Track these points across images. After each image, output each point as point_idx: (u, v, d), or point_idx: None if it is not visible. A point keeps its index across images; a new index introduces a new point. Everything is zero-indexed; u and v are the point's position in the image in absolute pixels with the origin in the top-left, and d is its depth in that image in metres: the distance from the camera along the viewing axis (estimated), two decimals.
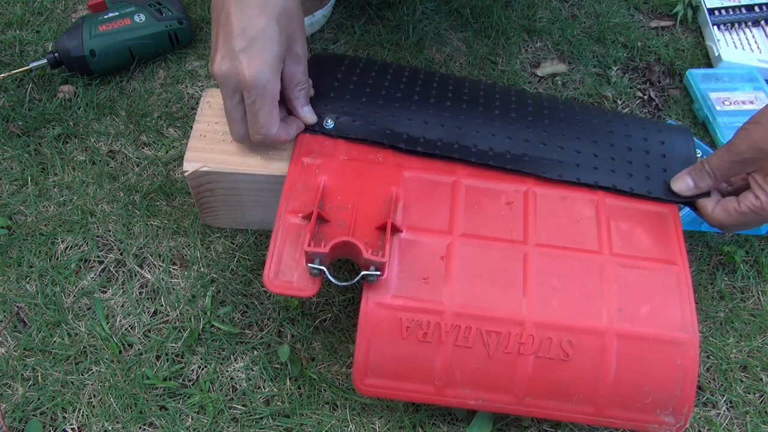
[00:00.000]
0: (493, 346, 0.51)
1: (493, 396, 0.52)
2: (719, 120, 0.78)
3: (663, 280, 0.54)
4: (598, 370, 0.51)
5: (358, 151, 0.59)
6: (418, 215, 0.55)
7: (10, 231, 0.67)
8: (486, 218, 0.56)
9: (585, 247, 0.55)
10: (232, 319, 0.62)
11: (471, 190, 0.57)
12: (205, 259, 0.66)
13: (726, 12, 0.88)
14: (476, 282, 0.53)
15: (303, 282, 0.52)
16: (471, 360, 0.51)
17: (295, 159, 0.58)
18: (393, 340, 0.51)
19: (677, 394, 0.51)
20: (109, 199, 0.69)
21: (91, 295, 0.63)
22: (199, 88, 0.79)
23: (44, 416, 0.57)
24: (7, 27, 0.84)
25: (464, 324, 0.51)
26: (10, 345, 0.60)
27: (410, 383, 0.52)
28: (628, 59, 0.86)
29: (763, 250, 0.69)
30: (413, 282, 0.52)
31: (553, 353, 0.51)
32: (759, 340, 0.64)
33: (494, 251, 0.54)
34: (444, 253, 0.53)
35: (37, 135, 0.74)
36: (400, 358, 0.52)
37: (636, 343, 0.52)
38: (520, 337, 0.51)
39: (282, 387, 0.59)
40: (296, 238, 0.54)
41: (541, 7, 0.90)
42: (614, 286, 0.53)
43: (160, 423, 0.56)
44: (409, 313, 0.51)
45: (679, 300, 0.53)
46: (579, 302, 0.53)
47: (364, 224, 0.54)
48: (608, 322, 0.52)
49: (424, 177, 0.58)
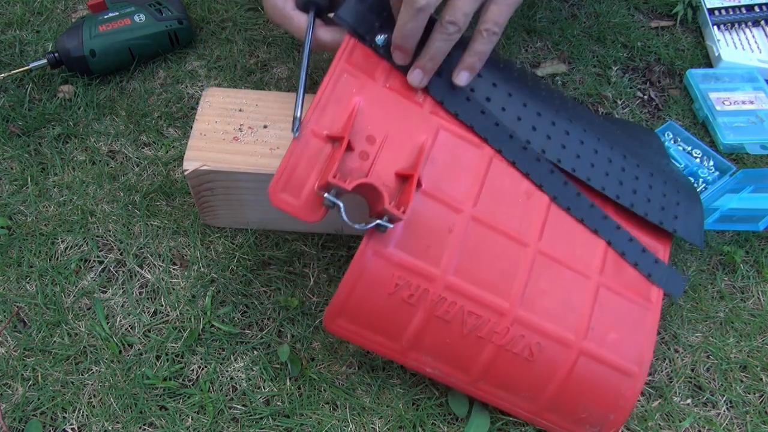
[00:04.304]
0: (469, 327, 0.52)
1: (450, 371, 0.54)
2: (719, 120, 0.78)
3: (636, 315, 0.57)
4: (552, 376, 0.54)
5: (400, 83, 0.54)
6: (438, 177, 0.53)
7: (10, 231, 0.67)
8: (501, 204, 0.55)
9: (581, 262, 0.56)
10: (232, 319, 0.62)
11: (496, 169, 0.56)
12: (205, 259, 0.66)
13: (726, 12, 0.88)
14: (474, 263, 0.53)
15: (308, 205, 0.49)
16: (444, 333, 0.52)
17: (338, 65, 0.52)
18: (379, 292, 0.51)
19: (610, 417, 0.55)
20: (109, 199, 0.69)
21: (91, 295, 0.63)
22: (199, 88, 0.79)
23: (44, 416, 0.57)
24: (7, 27, 0.84)
25: (451, 298, 0.52)
26: (10, 345, 0.60)
27: (379, 336, 0.53)
28: (628, 59, 0.86)
29: (763, 250, 0.69)
30: (415, 243, 0.51)
31: (520, 350, 0.53)
32: (759, 340, 0.64)
33: (499, 242, 0.54)
34: (452, 227, 0.53)
35: (37, 135, 0.74)
36: (379, 311, 0.52)
37: (594, 362, 0.54)
38: (496, 326, 0.53)
39: (282, 387, 0.59)
40: (315, 155, 0.50)
41: (541, 7, 0.90)
42: (595, 307, 0.55)
43: (160, 423, 0.56)
44: (402, 271, 0.51)
45: (643, 338, 0.56)
46: (560, 311, 0.54)
47: (387, 164, 0.51)
48: (578, 337, 0.54)
49: (457, 139, 0.55)
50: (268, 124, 0.62)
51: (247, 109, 0.63)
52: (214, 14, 0.87)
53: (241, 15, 0.87)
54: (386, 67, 0.54)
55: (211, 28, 0.85)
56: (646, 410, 0.59)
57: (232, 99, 0.64)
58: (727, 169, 0.74)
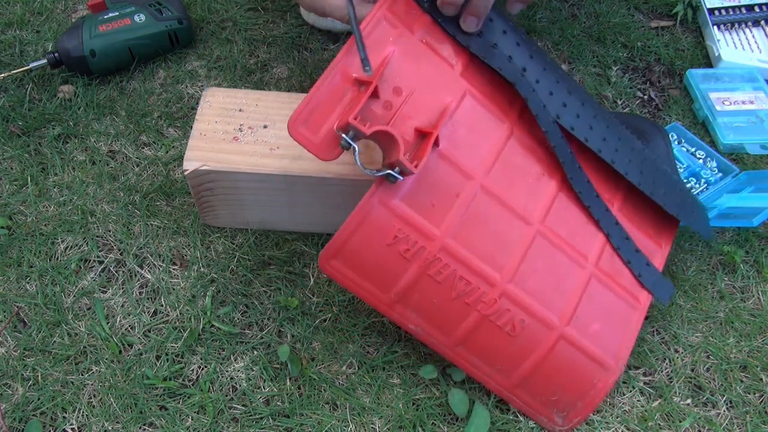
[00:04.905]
0: (458, 292, 0.53)
1: (432, 331, 0.55)
2: (719, 120, 0.78)
3: (622, 311, 0.58)
4: (529, 355, 0.55)
5: (436, 40, 0.54)
6: (456, 140, 0.53)
7: (10, 231, 0.67)
8: (512, 179, 0.55)
9: (579, 250, 0.57)
10: (232, 319, 0.62)
11: (514, 145, 0.56)
12: (205, 259, 0.66)
13: (726, 12, 0.88)
14: (475, 231, 0.54)
15: (325, 143, 0.49)
16: (434, 293, 0.53)
17: (378, 12, 0.52)
18: (377, 240, 0.52)
19: (578, 405, 0.56)
20: (109, 199, 0.69)
21: (91, 295, 0.63)
22: (199, 88, 0.79)
23: (44, 416, 0.57)
24: (7, 27, 0.84)
25: (446, 260, 0.53)
26: (10, 345, 0.60)
27: (369, 283, 0.53)
28: (628, 59, 0.86)
29: (763, 250, 0.69)
30: (421, 200, 0.52)
31: (504, 323, 0.54)
32: (759, 340, 0.64)
33: (503, 216, 0.55)
34: (460, 192, 0.53)
35: (37, 135, 0.74)
36: (374, 259, 0.52)
37: (573, 349, 0.55)
38: (485, 295, 0.54)
39: (282, 387, 0.59)
40: (339, 96, 0.50)
41: (541, 7, 0.90)
42: (584, 295, 0.56)
43: (160, 423, 0.56)
44: (403, 225, 0.52)
45: (625, 335, 0.57)
46: (549, 293, 0.55)
47: (408, 118, 0.51)
48: (562, 321, 0.55)
49: (481, 107, 0.55)
50: (268, 124, 0.62)
51: (247, 109, 0.63)
52: (214, 14, 0.87)
53: (241, 15, 0.87)
54: (426, 21, 0.53)
55: (211, 28, 0.85)
56: (646, 410, 0.59)
57: (232, 99, 0.64)
58: (730, 171, 0.74)
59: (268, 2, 0.89)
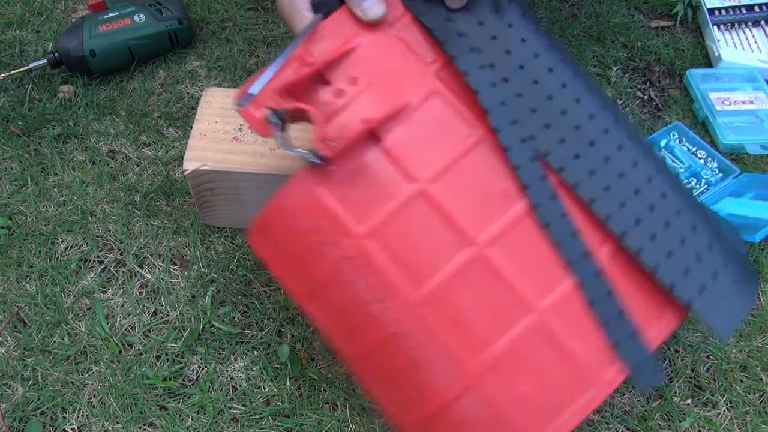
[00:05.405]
0: (363, 299, 0.47)
1: (335, 337, 0.49)
2: (719, 120, 0.78)
3: (567, 383, 0.45)
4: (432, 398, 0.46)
5: (414, 39, 0.50)
6: (408, 139, 0.48)
7: (10, 231, 0.67)
8: (465, 192, 0.48)
9: (531, 290, 0.46)
10: (232, 319, 0.62)
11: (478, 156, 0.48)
12: (205, 259, 0.66)
13: (726, 12, 0.88)
14: (401, 237, 0.47)
15: (264, 120, 0.48)
16: (339, 294, 0.48)
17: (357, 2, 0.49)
18: (295, 225, 0.49)
19: None
20: (109, 199, 0.69)
21: (91, 295, 0.63)
22: (199, 88, 0.79)
23: (44, 416, 0.57)
24: (7, 27, 0.84)
25: (358, 261, 0.47)
26: (10, 345, 0.60)
27: (288, 268, 0.50)
28: (628, 59, 0.86)
29: (763, 250, 0.69)
30: (349, 193, 0.48)
31: (405, 349, 0.46)
32: (759, 340, 0.64)
33: (437, 228, 0.47)
34: (396, 194, 0.48)
35: (37, 135, 0.74)
36: (291, 243, 0.49)
37: (483, 407, 0.45)
38: (387, 311, 0.46)
39: (282, 387, 0.59)
40: (287, 74, 0.49)
41: (541, 7, 0.90)
42: (519, 345, 0.45)
43: (160, 423, 0.56)
44: (322, 213, 0.48)
45: (560, 415, 0.44)
46: (472, 329, 0.45)
47: (360, 109, 0.48)
48: (480, 366, 0.44)
49: (450, 109, 0.49)
50: None
51: None
52: (214, 14, 0.87)
53: (241, 15, 0.87)
54: (407, 19, 0.51)
55: (211, 28, 0.85)
56: (646, 410, 0.59)
57: (232, 99, 0.64)
58: (730, 172, 0.74)
59: (268, 2, 0.89)
